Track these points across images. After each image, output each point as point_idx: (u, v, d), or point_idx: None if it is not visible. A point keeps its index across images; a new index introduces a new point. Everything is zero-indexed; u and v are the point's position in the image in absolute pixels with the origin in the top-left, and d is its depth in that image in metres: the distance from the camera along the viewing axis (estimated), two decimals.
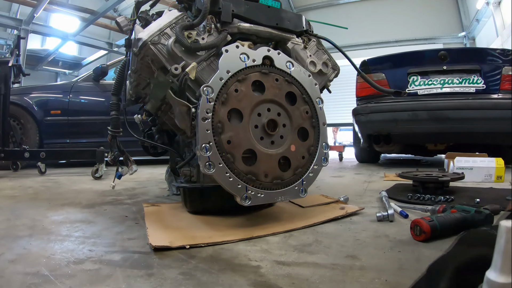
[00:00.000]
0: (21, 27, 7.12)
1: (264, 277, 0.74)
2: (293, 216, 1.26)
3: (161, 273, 0.76)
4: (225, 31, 1.21)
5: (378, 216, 1.22)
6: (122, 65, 1.50)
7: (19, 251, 0.90)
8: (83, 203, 1.60)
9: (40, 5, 6.58)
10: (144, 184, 2.27)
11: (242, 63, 1.13)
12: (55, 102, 3.74)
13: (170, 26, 1.19)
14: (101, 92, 3.86)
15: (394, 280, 0.72)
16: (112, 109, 1.51)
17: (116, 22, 1.41)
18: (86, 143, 3.74)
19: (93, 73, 3.87)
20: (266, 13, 1.30)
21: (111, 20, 7.97)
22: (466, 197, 1.59)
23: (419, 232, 0.98)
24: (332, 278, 0.74)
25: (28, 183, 2.33)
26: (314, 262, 0.84)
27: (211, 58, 1.19)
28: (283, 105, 1.18)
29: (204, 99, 1.05)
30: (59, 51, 9.43)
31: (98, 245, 0.96)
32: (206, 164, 1.02)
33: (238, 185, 1.05)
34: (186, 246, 0.93)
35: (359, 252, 0.91)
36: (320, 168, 1.24)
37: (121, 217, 1.31)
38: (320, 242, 0.99)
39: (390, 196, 1.62)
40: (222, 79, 1.08)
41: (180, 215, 1.28)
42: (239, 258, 0.86)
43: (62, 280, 0.71)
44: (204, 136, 1.03)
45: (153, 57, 1.18)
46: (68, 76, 10.75)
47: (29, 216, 1.30)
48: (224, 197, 1.21)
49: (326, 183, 2.33)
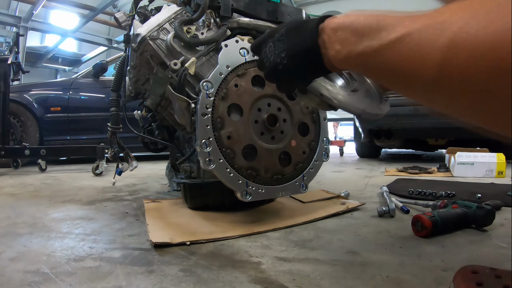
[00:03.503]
0: (20, 24, 7.11)
1: (265, 273, 0.74)
2: (294, 211, 1.26)
3: (161, 269, 0.76)
4: (224, 26, 1.20)
5: (379, 211, 1.21)
6: (121, 61, 1.49)
7: (19, 249, 0.89)
8: (84, 200, 1.60)
9: (39, 2, 6.56)
10: (145, 180, 2.27)
11: (242, 57, 1.12)
12: (55, 99, 3.74)
13: (169, 21, 1.18)
14: (101, 88, 3.85)
15: (396, 276, 0.72)
16: (112, 105, 1.50)
17: (115, 18, 1.40)
18: (87, 139, 3.74)
19: (93, 70, 3.86)
20: (266, 8, 1.29)
21: (110, 16, 7.93)
22: (468, 193, 1.58)
23: (421, 228, 0.97)
24: (333, 274, 0.73)
25: (28, 181, 2.33)
26: (315, 258, 0.83)
27: (211, 53, 1.18)
28: (283, 100, 1.17)
29: (203, 94, 1.04)
30: (58, 48, 9.43)
31: (98, 242, 0.96)
32: (206, 160, 1.01)
33: (239, 180, 1.05)
34: (186, 243, 0.93)
35: (360, 248, 0.90)
36: (321, 163, 1.24)
37: (121, 213, 1.31)
38: (321, 238, 0.99)
39: (391, 191, 1.61)
40: (222, 74, 1.07)
41: (180, 211, 1.28)
42: (240, 254, 0.86)
43: (62, 278, 0.71)
44: (204, 132, 1.02)
45: (152, 53, 1.17)
46: (68, 73, 10.75)
47: (29, 214, 1.30)
48: (224, 193, 1.20)
49: (327, 178, 2.32)
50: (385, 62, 0.44)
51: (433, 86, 0.39)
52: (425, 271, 0.74)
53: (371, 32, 0.45)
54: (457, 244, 0.91)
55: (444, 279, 0.69)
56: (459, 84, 0.36)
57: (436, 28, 0.38)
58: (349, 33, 0.49)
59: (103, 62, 3.88)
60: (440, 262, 0.79)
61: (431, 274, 0.72)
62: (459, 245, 0.90)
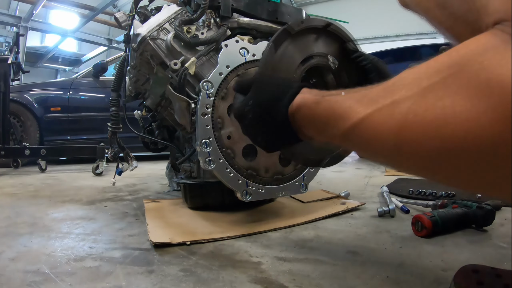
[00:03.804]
0: (20, 24, 7.09)
1: (265, 273, 0.74)
2: (294, 211, 1.26)
3: (161, 269, 0.76)
4: (224, 26, 1.20)
5: (379, 211, 1.21)
6: (122, 61, 1.49)
7: (19, 249, 0.89)
8: (84, 200, 1.60)
9: (39, 2, 6.55)
10: (145, 180, 2.27)
11: (242, 57, 1.12)
12: (55, 99, 3.73)
13: (169, 21, 1.18)
14: (101, 88, 3.85)
15: (395, 276, 0.72)
16: (112, 105, 1.50)
17: (115, 18, 1.40)
18: (87, 139, 3.73)
19: (93, 70, 3.86)
20: (266, 7, 1.29)
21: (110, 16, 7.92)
22: (468, 193, 1.58)
23: (421, 228, 0.97)
24: (333, 274, 0.73)
25: (28, 181, 2.33)
26: (315, 258, 0.83)
27: (211, 53, 1.18)
28: None
29: (203, 94, 1.04)
30: (58, 48, 9.41)
31: (98, 242, 0.96)
32: (206, 159, 1.01)
33: (239, 180, 1.05)
34: (186, 243, 0.93)
35: (360, 247, 0.90)
36: None
37: (121, 213, 1.31)
38: (321, 238, 0.99)
39: (391, 191, 1.61)
40: (222, 74, 1.07)
41: (180, 211, 1.28)
42: (240, 254, 0.86)
43: (62, 278, 0.71)
44: (204, 132, 1.02)
45: (152, 53, 1.17)
46: (68, 73, 10.73)
47: (29, 214, 1.30)
48: (224, 192, 1.20)
49: (327, 178, 2.32)
50: (349, 145, 0.49)
51: (393, 161, 0.43)
52: (425, 271, 0.74)
53: (330, 122, 0.50)
54: (457, 244, 0.91)
55: (444, 279, 0.69)
56: (414, 158, 0.38)
57: (387, 111, 0.40)
58: (314, 124, 0.55)
59: (103, 62, 3.87)
60: (440, 262, 0.79)
61: (431, 274, 0.72)
62: (459, 245, 0.90)
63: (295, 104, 0.58)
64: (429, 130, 0.34)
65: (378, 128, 0.41)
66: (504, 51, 0.30)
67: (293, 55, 0.90)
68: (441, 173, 0.38)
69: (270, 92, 0.64)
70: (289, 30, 0.87)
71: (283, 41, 0.87)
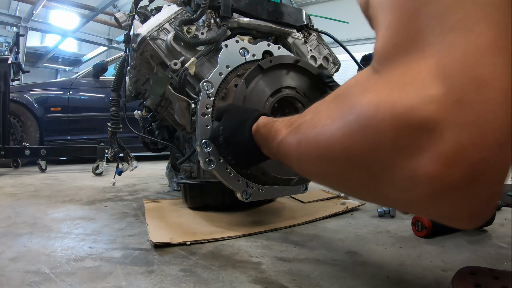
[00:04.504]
0: (20, 24, 7.09)
1: (265, 274, 0.74)
2: (294, 211, 1.26)
3: (161, 270, 0.76)
4: (224, 26, 1.20)
5: (379, 211, 1.21)
6: (122, 61, 1.49)
7: (19, 249, 0.89)
8: (84, 200, 1.60)
9: (39, 2, 6.55)
10: (145, 180, 2.27)
11: (242, 57, 1.12)
12: (55, 99, 3.73)
13: (169, 21, 1.18)
14: (101, 88, 3.85)
15: (395, 276, 0.72)
16: (112, 105, 1.50)
17: (115, 18, 1.40)
18: (87, 139, 3.74)
19: (93, 70, 3.86)
20: (266, 8, 1.28)
21: (110, 16, 7.92)
22: None
23: (421, 228, 0.97)
24: (333, 274, 0.73)
25: (28, 181, 2.33)
26: (315, 258, 0.83)
27: (211, 53, 1.18)
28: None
29: (203, 94, 1.04)
30: (58, 48, 9.41)
31: (98, 242, 0.96)
32: (206, 160, 1.01)
33: (239, 180, 1.05)
34: (186, 243, 0.93)
35: (360, 248, 0.90)
36: None
37: (121, 213, 1.31)
38: (321, 238, 0.99)
39: None
40: (222, 74, 1.07)
41: (180, 211, 1.28)
42: (240, 254, 0.86)
43: (62, 278, 0.71)
44: (204, 132, 1.02)
45: (152, 53, 1.17)
46: (68, 73, 10.74)
47: (29, 214, 1.30)
48: (224, 193, 1.21)
49: None
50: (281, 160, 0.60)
51: (302, 172, 0.50)
52: (425, 271, 0.74)
53: (269, 140, 0.65)
54: (457, 244, 0.92)
55: (444, 279, 0.69)
56: (310, 168, 0.46)
57: (294, 132, 0.51)
58: (263, 142, 0.70)
59: (103, 62, 3.88)
60: (440, 262, 0.79)
61: (431, 274, 0.72)
62: (459, 245, 0.90)
63: (254, 126, 0.74)
64: (312, 143, 0.42)
65: (288, 146, 0.52)
66: (366, 82, 0.36)
67: (264, 89, 1.04)
68: (329, 180, 0.45)
69: (237, 118, 0.81)
70: (262, 66, 1.01)
71: (255, 76, 1.02)
